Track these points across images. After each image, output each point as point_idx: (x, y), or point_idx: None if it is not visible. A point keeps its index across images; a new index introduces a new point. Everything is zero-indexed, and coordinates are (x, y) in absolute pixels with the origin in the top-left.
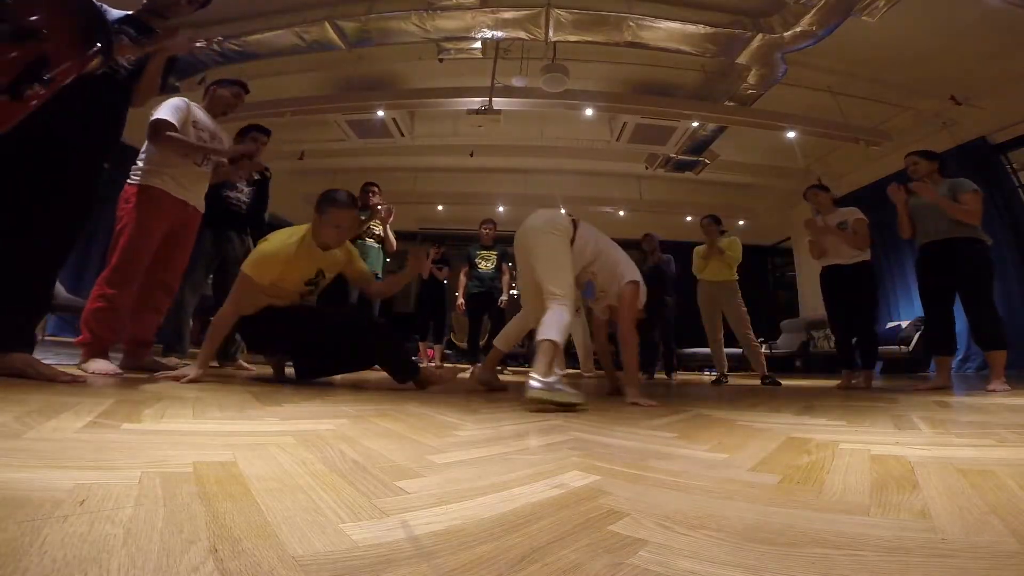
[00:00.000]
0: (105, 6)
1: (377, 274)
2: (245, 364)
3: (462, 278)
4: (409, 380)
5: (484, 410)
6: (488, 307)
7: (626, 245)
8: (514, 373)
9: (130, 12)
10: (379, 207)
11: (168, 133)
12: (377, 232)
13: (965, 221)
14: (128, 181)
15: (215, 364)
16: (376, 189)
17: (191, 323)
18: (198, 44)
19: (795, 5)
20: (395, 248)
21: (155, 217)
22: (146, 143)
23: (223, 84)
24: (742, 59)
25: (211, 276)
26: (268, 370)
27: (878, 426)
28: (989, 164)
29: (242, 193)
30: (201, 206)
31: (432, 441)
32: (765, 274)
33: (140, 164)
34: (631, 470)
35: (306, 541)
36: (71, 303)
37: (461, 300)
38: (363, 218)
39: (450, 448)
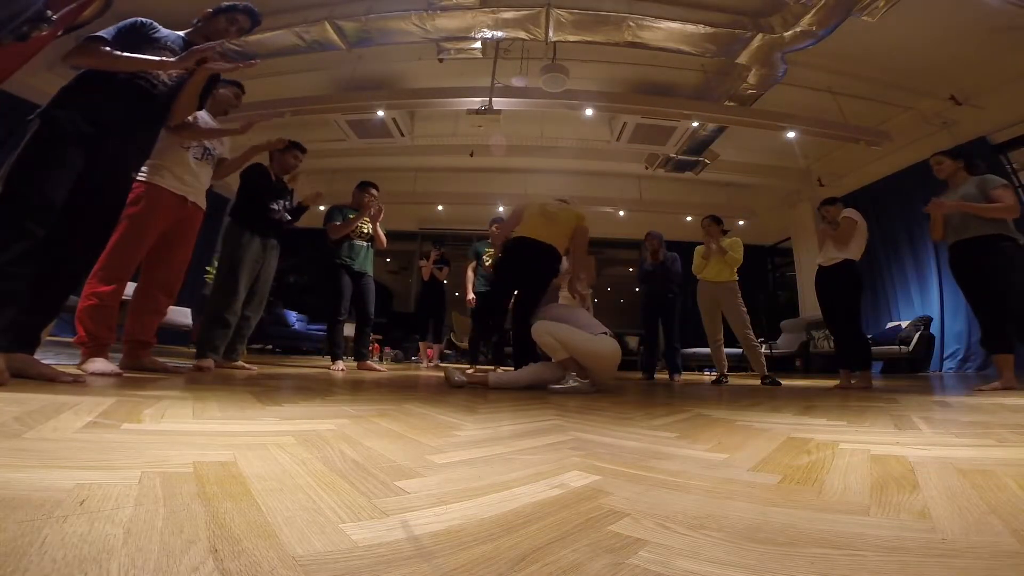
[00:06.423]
0: (157, 25)
1: (367, 272)
2: (246, 364)
3: (470, 274)
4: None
5: (484, 410)
6: None
7: (627, 245)
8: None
9: (182, 34)
10: (371, 207)
11: (182, 120)
12: (367, 231)
13: (1001, 218)
14: None
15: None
16: (374, 190)
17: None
18: (230, 47)
19: (795, 5)
20: (385, 245)
21: (151, 215)
22: None
23: (222, 84)
24: (742, 59)
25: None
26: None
27: (878, 426)
28: (989, 164)
29: (281, 207)
30: (202, 202)
31: (432, 441)
32: (765, 274)
33: None
34: (631, 470)
35: (306, 541)
36: (68, 303)
37: (471, 295)
38: (351, 216)
39: (450, 448)
